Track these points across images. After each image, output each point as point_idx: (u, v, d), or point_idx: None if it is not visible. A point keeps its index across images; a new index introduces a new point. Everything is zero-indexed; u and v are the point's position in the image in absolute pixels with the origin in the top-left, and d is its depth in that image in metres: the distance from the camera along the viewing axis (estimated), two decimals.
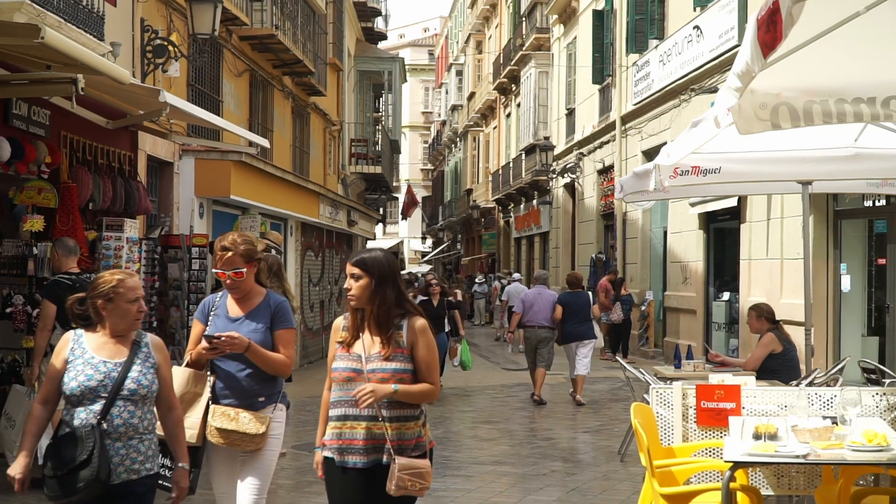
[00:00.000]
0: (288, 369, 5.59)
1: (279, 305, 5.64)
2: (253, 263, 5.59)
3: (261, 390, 5.55)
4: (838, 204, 14.23)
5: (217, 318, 5.61)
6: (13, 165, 9.34)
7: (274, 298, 5.67)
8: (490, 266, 46.76)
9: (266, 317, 5.57)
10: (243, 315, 5.58)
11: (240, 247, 5.51)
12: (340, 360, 4.77)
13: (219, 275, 5.56)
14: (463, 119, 54.38)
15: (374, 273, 4.72)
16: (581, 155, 28.60)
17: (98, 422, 4.61)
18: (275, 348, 5.55)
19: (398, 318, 4.78)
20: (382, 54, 35.71)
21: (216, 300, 5.72)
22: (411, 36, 79.15)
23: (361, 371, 4.69)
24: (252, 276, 5.61)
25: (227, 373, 5.52)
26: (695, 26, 18.33)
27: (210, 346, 5.35)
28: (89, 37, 10.07)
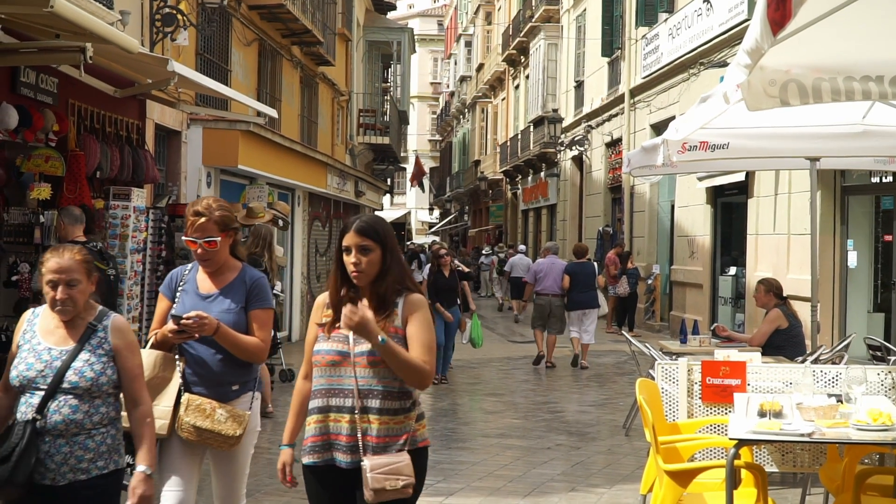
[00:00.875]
0: (263, 355, 4.99)
1: (255, 282, 5.01)
2: (229, 233, 4.94)
3: (234, 377, 4.95)
4: (846, 180, 14.21)
5: (186, 295, 4.96)
6: (21, 133, 9.34)
7: (250, 274, 5.03)
8: (497, 238, 46.77)
9: (240, 294, 4.95)
10: (216, 291, 4.95)
11: (214, 212, 4.85)
12: (323, 342, 4.11)
13: (188, 243, 4.90)
14: (471, 90, 54.23)
15: (386, 243, 4.07)
16: (589, 128, 28.54)
17: (32, 418, 4.13)
18: (249, 330, 4.93)
19: (396, 296, 4.10)
20: (392, 25, 35.59)
21: (185, 273, 5.07)
22: (421, 6, 78.82)
23: (349, 354, 4.03)
24: (227, 247, 4.97)
25: (196, 357, 4.90)
26: (704, 0, 18.24)
27: (178, 327, 4.69)
28: (98, 5, 10.06)
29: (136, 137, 11.96)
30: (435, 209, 71.25)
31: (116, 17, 10.78)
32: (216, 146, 14.37)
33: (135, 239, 10.63)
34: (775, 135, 8.18)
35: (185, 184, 14.12)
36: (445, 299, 14.39)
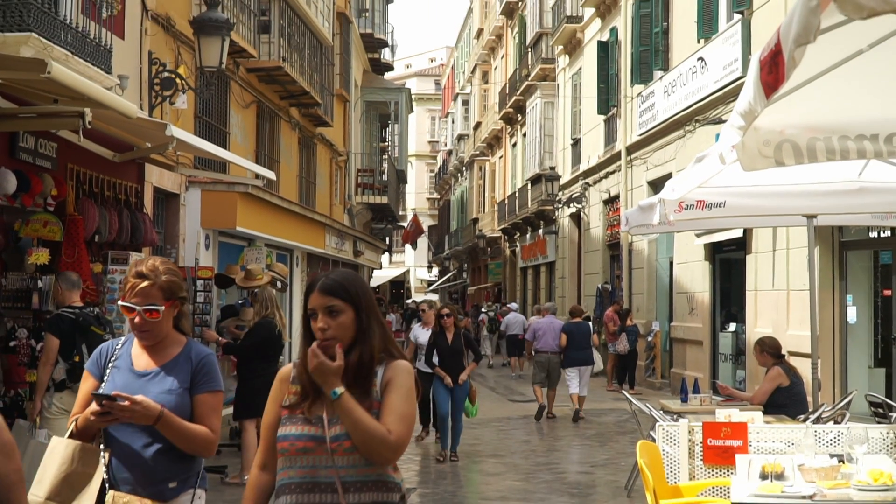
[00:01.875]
0: (212, 447, 4.15)
1: (204, 360, 4.19)
2: (175, 302, 4.16)
3: (172, 472, 4.08)
4: (843, 235, 14.23)
5: (117, 372, 4.14)
6: (19, 198, 9.37)
7: (196, 350, 4.23)
8: (496, 295, 46.73)
9: (185, 373, 4.14)
10: (155, 369, 4.14)
11: (161, 276, 4.10)
12: (291, 425, 3.41)
13: (124, 310, 4.13)
14: (469, 148, 54.50)
15: (360, 302, 3.46)
16: (587, 185, 28.64)
17: None
18: (195, 417, 4.10)
19: (377, 364, 3.48)
20: (389, 85, 35.87)
21: (117, 347, 4.25)
22: (418, 66, 79.47)
23: (323, 440, 3.34)
24: (171, 318, 4.19)
25: (126, 448, 4.04)
26: (699, 58, 18.39)
27: (101, 409, 3.89)
28: (97, 70, 10.11)
29: (135, 201, 11.99)
30: (434, 267, 71.28)
31: (115, 81, 10.84)
32: (214, 208, 14.41)
33: None
34: (772, 193, 8.20)
35: (184, 246, 14.14)
36: (449, 366, 12.90)
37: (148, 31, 12.94)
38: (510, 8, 41.74)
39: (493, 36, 47.46)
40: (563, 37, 30.56)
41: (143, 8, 12.76)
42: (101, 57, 10.38)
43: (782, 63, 3.37)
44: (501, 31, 45.66)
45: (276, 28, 17.78)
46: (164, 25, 13.58)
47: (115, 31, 11.21)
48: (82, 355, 8.38)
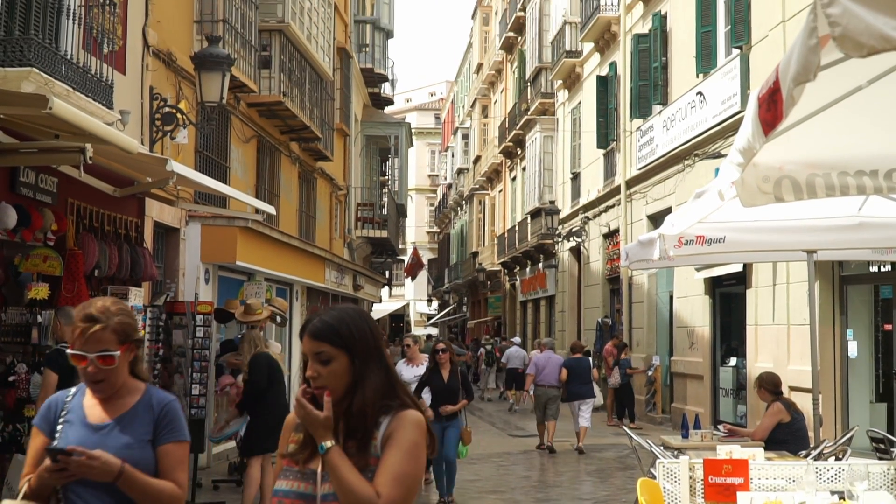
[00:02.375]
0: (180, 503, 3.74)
1: (166, 407, 3.76)
2: (130, 345, 3.72)
3: None
4: (844, 270, 14.23)
5: (70, 427, 3.71)
6: (19, 233, 9.37)
7: (158, 397, 3.79)
8: (496, 329, 46.67)
9: (146, 424, 3.71)
10: (111, 421, 3.70)
11: (113, 318, 3.66)
12: (285, 479, 3.13)
13: (73, 359, 3.66)
14: (469, 182, 54.61)
15: (354, 346, 3.08)
16: (586, 219, 28.67)
17: None
18: (159, 471, 3.69)
19: (382, 415, 3.09)
20: (389, 119, 35.98)
21: (67, 399, 3.80)
22: (418, 100, 79.79)
23: (314, 498, 3.03)
24: (126, 364, 3.73)
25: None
26: (698, 92, 18.46)
27: (55, 465, 3.51)
28: (98, 105, 10.15)
29: (135, 235, 12.00)
30: (433, 300, 71.24)
31: (116, 116, 10.89)
32: (214, 243, 14.42)
33: None
34: (771, 228, 8.21)
35: (184, 281, 14.13)
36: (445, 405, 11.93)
37: (149, 67, 13.00)
38: (509, 43, 41.96)
39: (493, 70, 47.68)
40: (562, 71, 30.70)
41: (144, 44, 12.82)
42: (102, 92, 10.43)
43: (781, 101, 3.38)
44: (501, 65, 45.88)
45: (276, 63, 17.85)
46: (165, 61, 13.64)
47: (116, 67, 11.26)
48: None
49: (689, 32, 19.40)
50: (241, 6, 15.76)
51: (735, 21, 17.16)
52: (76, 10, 9.85)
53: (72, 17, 9.77)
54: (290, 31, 18.18)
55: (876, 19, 2.76)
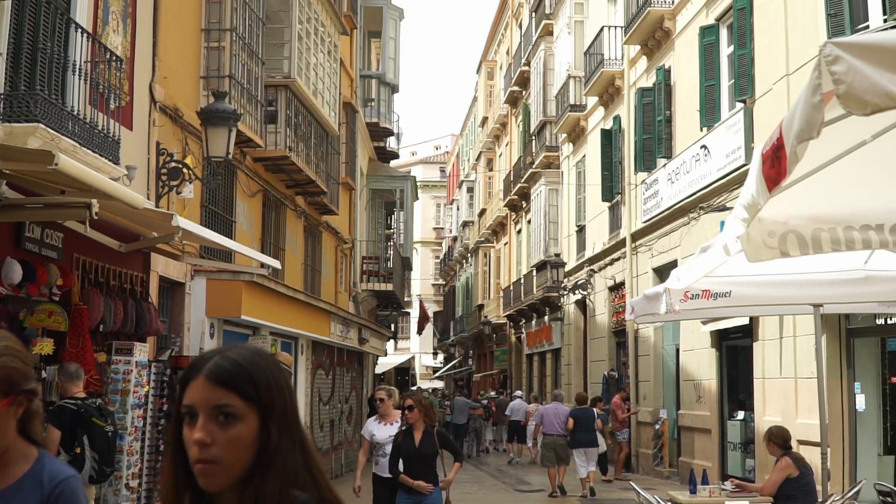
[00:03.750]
0: None
1: (59, 486, 2.84)
2: (17, 397, 2.81)
3: None
4: (850, 322, 14.17)
5: None
6: (24, 288, 9.38)
7: (51, 472, 2.87)
8: (502, 382, 46.46)
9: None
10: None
11: None
12: None
13: None
14: (474, 235, 54.67)
15: (271, 404, 2.12)
16: (592, 272, 28.64)
17: None
18: None
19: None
20: (394, 173, 36.10)
21: None
22: (423, 153, 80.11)
23: None
24: (12, 422, 2.82)
25: None
26: (702, 146, 18.52)
27: None
28: (104, 161, 10.20)
29: (140, 290, 12.00)
30: (439, 353, 71.01)
31: (122, 171, 10.93)
32: (220, 297, 14.40)
33: (136, 394, 10.57)
34: (777, 282, 8.19)
35: (189, 335, 14.10)
36: (417, 477, 9.74)
37: (156, 122, 13.07)
38: (514, 97, 42.20)
39: (498, 124, 47.92)
40: (566, 125, 30.84)
41: (151, 99, 12.90)
42: (109, 148, 10.48)
43: (784, 158, 3.38)
44: (506, 119, 46.12)
45: (282, 118, 17.95)
46: (171, 116, 13.72)
47: (123, 122, 11.33)
48: (83, 447, 8.32)
49: (693, 86, 19.50)
50: (247, 62, 15.88)
51: (738, 75, 17.25)
52: (82, 65, 9.92)
53: (78, 72, 9.84)
54: (296, 87, 18.30)
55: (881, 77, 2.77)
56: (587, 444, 19.12)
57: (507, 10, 47.28)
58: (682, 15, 20.80)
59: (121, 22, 11.71)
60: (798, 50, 15.01)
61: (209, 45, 15.22)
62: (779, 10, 15.80)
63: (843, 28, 13.62)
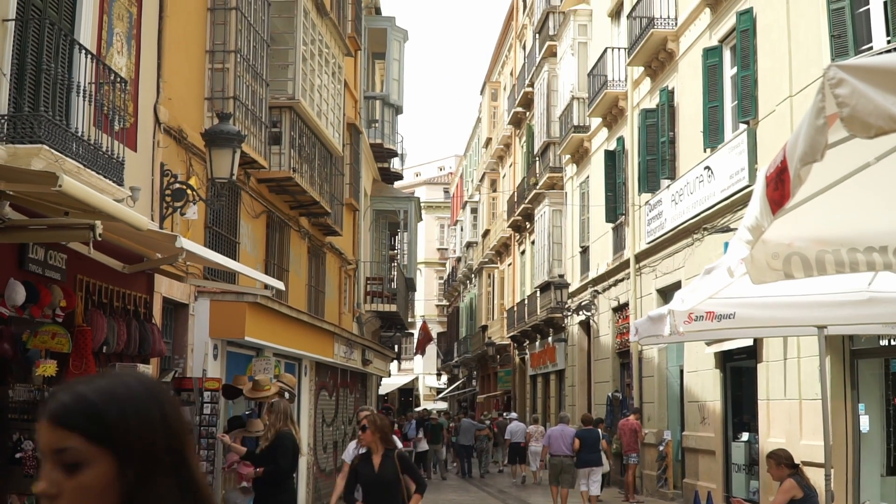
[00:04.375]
0: None
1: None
2: None
3: None
4: (854, 344, 14.15)
5: None
6: (28, 309, 9.37)
7: None
8: (506, 404, 46.37)
9: None
10: None
11: None
12: None
13: None
14: (478, 256, 54.67)
15: (130, 445, 1.81)
16: (596, 292, 28.62)
17: None
18: None
19: None
20: (398, 194, 36.14)
21: None
22: (427, 174, 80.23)
23: None
24: None
25: None
26: (706, 167, 18.53)
27: None
28: (109, 182, 10.21)
29: (144, 311, 11.99)
30: (443, 374, 70.91)
31: (126, 193, 10.94)
32: (223, 318, 14.38)
33: None
34: (781, 304, 8.17)
35: (192, 356, 14.08)
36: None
37: (160, 143, 13.09)
38: (518, 118, 42.28)
39: (502, 145, 47.99)
40: (570, 146, 30.88)
41: (155, 121, 12.93)
42: (113, 169, 10.50)
43: (788, 180, 3.38)
44: (509, 140, 46.18)
45: (286, 139, 17.98)
46: (176, 137, 13.74)
47: (127, 144, 11.35)
48: None
49: (697, 107, 19.53)
50: (251, 83, 15.92)
51: (742, 96, 17.28)
52: (86, 87, 9.95)
53: (82, 94, 9.86)
54: (301, 108, 18.33)
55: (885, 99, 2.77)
56: (592, 464, 20.10)
57: (511, 31, 47.43)
58: (685, 37, 20.85)
59: (125, 43, 11.75)
60: (801, 71, 15.03)
61: (213, 67, 15.25)
62: (782, 32, 15.83)
63: (846, 49, 13.64)
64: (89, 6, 10.59)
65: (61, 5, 10.21)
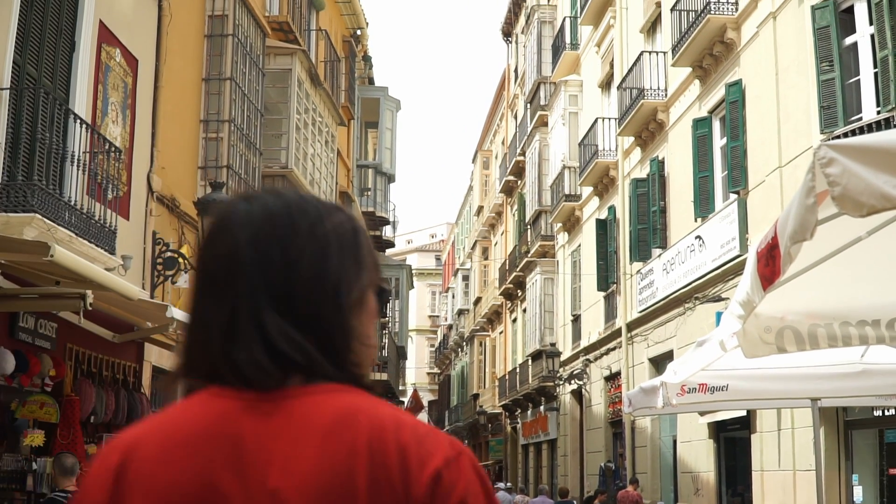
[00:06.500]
0: None
1: None
2: None
3: None
4: (848, 415, 14.10)
5: None
6: (17, 378, 9.32)
7: None
8: (497, 474, 45.98)
9: None
10: None
11: None
12: None
13: None
14: (469, 323, 54.56)
15: None
16: (588, 361, 28.53)
17: None
18: None
19: None
20: (390, 262, 36.16)
21: None
22: (419, 241, 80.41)
23: None
24: None
25: None
26: (697, 236, 18.59)
27: None
28: (100, 251, 10.22)
29: (133, 380, 11.93)
30: None
31: (118, 262, 10.93)
32: None
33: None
34: (774, 376, 8.14)
35: None
36: None
37: (153, 212, 13.12)
38: (509, 186, 42.48)
39: (493, 213, 48.16)
40: (561, 214, 31.00)
41: (148, 189, 12.97)
42: (105, 238, 10.51)
43: (779, 257, 3.39)
44: (501, 208, 46.35)
45: None
46: (168, 206, 13.77)
47: (120, 212, 11.37)
48: None
49: (687, 177, 19.65)
50: (245, 152, 16.00)
51: (732, 166, 17.39)
52: (81, 156, 9.99)
53: (76, 163, 9.90)
54: (293, 177, 18.40)
55: (876, 178, 2.78)
56: None
57: (503, 101, 47.84)
58: (675, 107, 21.04)
59: (120, 113, 11.82)
60: (791, 142, 15.16)
61: (207, 136, 15.34)
62: (771, 104, 15.98)
63: (835, 120, 13.76)
64: (84, 76, 10.67)
65: (56, 74, 10.28)
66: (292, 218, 1.51)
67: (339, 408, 1.44)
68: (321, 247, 1.50)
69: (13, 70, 9.31)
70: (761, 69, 16.46)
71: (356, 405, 1.45)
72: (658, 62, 22.00)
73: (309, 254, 1.49)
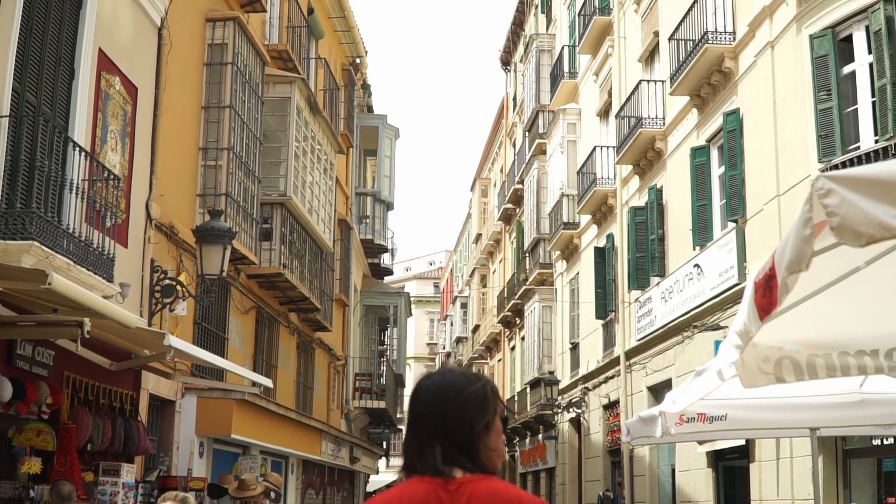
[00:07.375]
0: None
1: None
2: None
3: None
4: (847, 444, 14.06)
5: None
6: (14, 406, 9.28)
7: None
8: None
9: None
10: None
11: None
12: None
13: None
14: (467, 351, 54.49)
15: None
16: (586, 389, 28.47)
17: None
18: None
19: None
20: (388, 289, 36.15)
21: None
22: (417, 269, 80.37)
23: None
24: None
25: None
26: (695, 264, 18.59)
27: None
28: (98, 278, 10.20)
29: (130, 408, 11.89)
30: None
31: (116, 290, 10.92)
32: (210, 415, 14.26)
33: None
34: (773, 406, 8.12)
35: (177, 454, 13.91)
36: None
37: (151, 240, 13.11)
38: (508, 214, 42.52)
39: (492, 241, 48.19)
40: (560, 242, 31.01)
41: (147, 217, 12.97)
42: (103, 265, 10.49)
43: (776, 287, 3.39)
44: (499, 236, 46.38)
45: (277, 235, 18.04)
46: (167, 233, 13.77)
47: (118, 240, 11.37)
48: None
49: (685, 206, 19.67)
50: (243, 180, 16.01)
51: (730, 195, 17.41)
52: (80, 184, 9.99)
53: (75, 191, 9.90)
54: (292, 205, 18.42)
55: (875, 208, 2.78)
56: None
57: (501, 129, 47.97)
58: (673, 136, 21.09)
59: (119, 140, 11.84)
60: (788, 171, 15.19)
61: (206, 164, 15.36)
62: (769, 132, 16.02)
63: (833, 149, 13.79)
64: (84, 104, 10.69)
65: (55, 102, 10.31)
66: (448, 388, 2.72)
67: (489, 486, 2.62)
68: (461, 404, 2.69)
69: (12, 97, 9.33)
70: (759, 98, 16.52)
71: (497, 485, 2.63)
72: (656, 91, 22.08)
73: (455, 409, 2.69)
